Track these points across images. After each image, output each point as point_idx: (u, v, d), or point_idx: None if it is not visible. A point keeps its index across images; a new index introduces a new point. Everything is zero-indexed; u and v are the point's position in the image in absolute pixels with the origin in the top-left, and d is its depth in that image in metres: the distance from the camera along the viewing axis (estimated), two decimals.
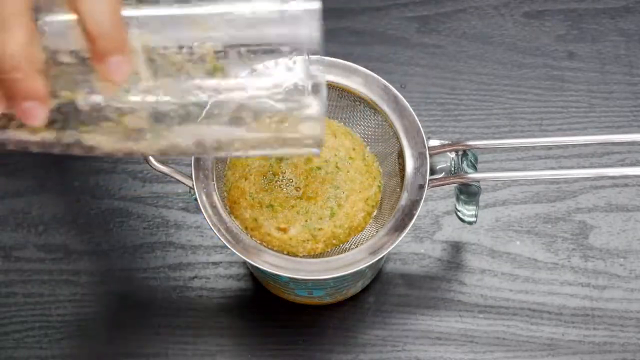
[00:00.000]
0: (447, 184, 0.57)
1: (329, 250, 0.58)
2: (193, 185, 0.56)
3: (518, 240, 0.71)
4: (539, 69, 0.78)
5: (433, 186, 0.57)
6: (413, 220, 0.56)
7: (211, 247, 0.71)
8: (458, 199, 0.62)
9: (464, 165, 0.58)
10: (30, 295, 0.70)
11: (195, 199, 0.56)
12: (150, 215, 0.72)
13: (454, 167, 0.58)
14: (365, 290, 0.69)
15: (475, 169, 0.59)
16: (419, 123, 0.58)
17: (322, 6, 0.83)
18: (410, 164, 0.57)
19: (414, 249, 0.71)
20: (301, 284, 0.62)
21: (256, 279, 0.69)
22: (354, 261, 0.55)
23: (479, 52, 0.78)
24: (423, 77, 0.77)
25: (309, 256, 0.58)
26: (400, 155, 0.58)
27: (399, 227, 0.56)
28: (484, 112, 0.76)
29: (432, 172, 0.58)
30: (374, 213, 0.59)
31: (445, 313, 0.69)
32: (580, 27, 0.79)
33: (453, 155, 0.58)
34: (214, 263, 0.70)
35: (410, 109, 0.58)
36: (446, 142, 0.58)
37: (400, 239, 0.55)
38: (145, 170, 0.74)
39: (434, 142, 0.58)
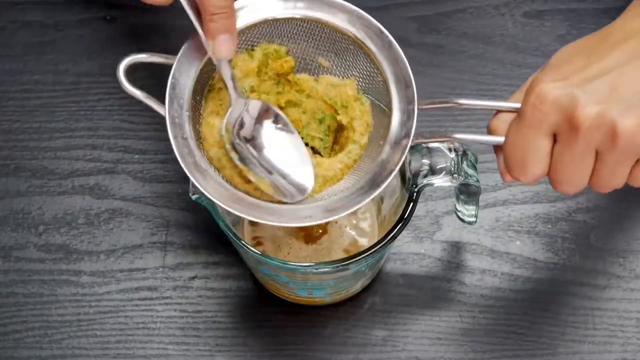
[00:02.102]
0: (430, 142, 0.55)
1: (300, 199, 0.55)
2: (165, 112, 0.53)
3: (518, 240, 0.71)
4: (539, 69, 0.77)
5: (416, 142, 0.54)
6: (390, 178, 0.53)
7: (211, 247, 0.71)
8: (458, 199, 0.63)
9: (464, 165, 0.58)
10: (30, 295, 0.70)
11: (196, 199, 0.56)
12: (150, 215, 0.72)
13: (454, 167, 0.58)
14: (365, 290, 0.69)
15: (475, 169, 0.58)
16: (411, 75, 0.55)
17: None
18: (396, 117, 0.54)
19: (414, 249, 0.71)
20: (301, 284, 0.62)
21: (256, 279, 0.69)
22: (315, 214, 0.53)
23: (479, 52, 0.78)
24: (423, 77, 0.77)
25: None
26: (388, 107, 0.55)
27: (375, 183, 0.53)
28: (484, 112, 0.76)
29: (433, 172, 0.58)
30: (354, 166, 0.56)
31: (445, 313, 0.69)
32: (580, 27, 0.79)
33: (453, 155, 0.58)
34: (214, 263, 0.70)
35: (404, 58, 0.55)
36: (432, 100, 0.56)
37: (372, 197, 0.53)
38: (145, 170, 0.74)
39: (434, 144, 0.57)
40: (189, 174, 0.53)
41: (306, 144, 0.58)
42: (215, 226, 0.71)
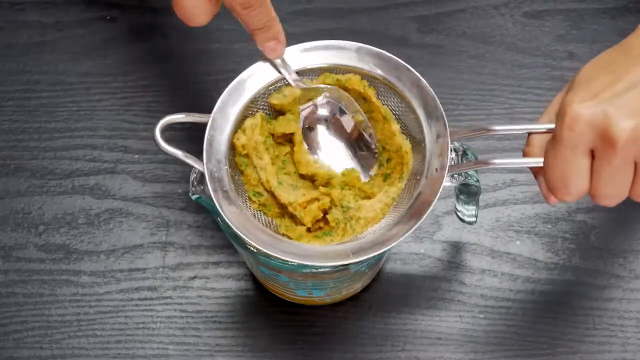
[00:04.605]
0: (467, 168, 0.56)
1: (345, 241, 0.57)
2: (204, 167, 0.54)
3: (518, 240, 0.71)
4: (539, 69, 0.78)
5: (452, 172, 0.56)
6: (430, 208, 0.54)
7: (211, 247, 0.71)
8: (458, 199, 0.62)
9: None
10: (30, 295, 0.70)
11: (196, 199, 0.56)
12: (150, 215, 0.72)
13: None
14: (365, 290, 0.69)
15: (474, 169, 0.58)
16: (441, 109, 0.56)
17: (322, 6, 0.84)
18: (430, 151, 0.56)
19: (414, 249, 0.71)
20: (301, 284, 0.62)
21: (256, 279, 0.69)
22: (363, 249, 0.54)
23: (479, 52, 0.78)
24: (423, 77, 0.77)
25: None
26: (421, 142, 0.57)
27: (414, 216, 0.54)
28: (484, 112, 0.76)
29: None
30: (394, 204, 0.58)
31: (445, 313, 0.69)
32: (580, 27, 0.79)
33: (453, 155, 0.58)
34: (214, 263, 0.70)
35: (433, 93, 0.57)
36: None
37: (413, 229, 0.54)
38: (145, 170, 0.74)
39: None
40: (235, 229, 0.53)
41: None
42: (215, 226, 0.71)
